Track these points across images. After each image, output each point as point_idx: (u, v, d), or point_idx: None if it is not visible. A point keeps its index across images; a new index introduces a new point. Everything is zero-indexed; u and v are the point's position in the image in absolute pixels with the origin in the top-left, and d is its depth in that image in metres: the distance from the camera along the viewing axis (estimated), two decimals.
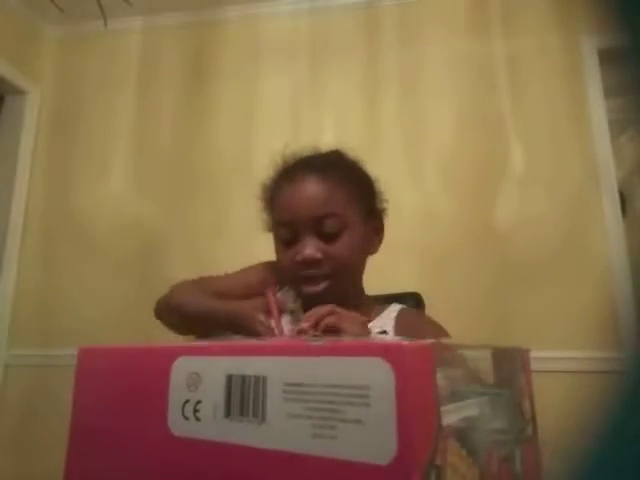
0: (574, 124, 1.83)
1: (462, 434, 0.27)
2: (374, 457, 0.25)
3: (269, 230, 0.82)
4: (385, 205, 0.83)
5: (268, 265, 0.86)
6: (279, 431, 0.29)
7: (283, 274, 0.78)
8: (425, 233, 1.77)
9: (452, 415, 0.27)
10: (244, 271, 0.88)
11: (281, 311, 0.70)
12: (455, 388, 0.28)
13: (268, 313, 0.68)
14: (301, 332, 0.57)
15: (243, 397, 0.31)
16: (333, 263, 0.72)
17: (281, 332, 0.67)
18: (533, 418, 0.37)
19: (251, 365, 0.31)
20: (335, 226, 0.72)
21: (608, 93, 1.81)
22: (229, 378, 0.32)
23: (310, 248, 0.71)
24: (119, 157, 2.16)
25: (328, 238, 0.72)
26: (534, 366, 1.41)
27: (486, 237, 1.79)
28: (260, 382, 0.30)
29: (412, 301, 0.93)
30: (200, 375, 0.33)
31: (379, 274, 0.82)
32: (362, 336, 0.56)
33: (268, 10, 2.17)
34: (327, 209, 0.72)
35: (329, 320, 0.57)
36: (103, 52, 2.29)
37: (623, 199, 1.98)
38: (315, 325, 0.57)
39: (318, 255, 0.71)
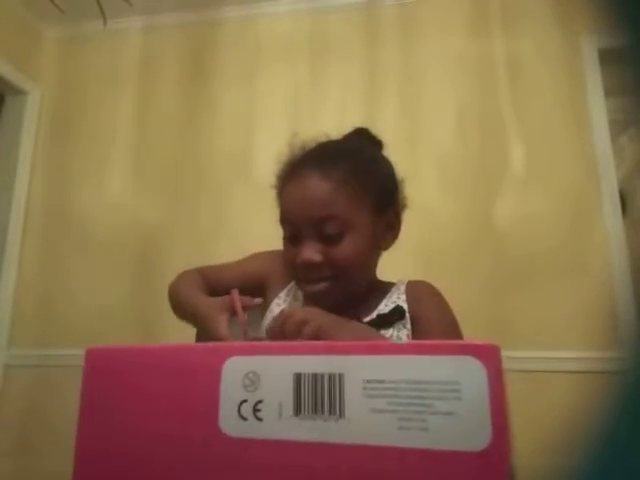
0: (574, 124, 1.83)
1: None
2: (468, 445, 0.27)
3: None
4: (404, 198, 0.79)
5: (276, 255, 0.83)
6: (361, 426, 0.29)
7: (289, 270, 0.77)
8: (424, 231, 1.77)
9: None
10: (251, 259, 0.86)
11: (247, 308, 0.68)
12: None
13: (233, 313, 0.66)
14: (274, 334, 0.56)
15: (316, 395, 0.31)
16: (335, 266, 0.69)
17: (245, 333, 0.64)
18: None
19: (322, 363, 0.31)
20: (336, 229, 0.69)
21: (608, 93, 1.81)
22: (297, 376, 0.31)
23: (308, 251, 0.69)
24: (119, 157, 2.16)
25: (330, 240, 0.69)
26: (534, 366, 1.41)
27: (485, 236, 1.79)
28: (336, 379, 0.30)
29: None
30: (259, 374, 0.32)
31: (377, 272, 0.81)
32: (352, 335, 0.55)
33: (268, 10, 2.17)
34: (327, 212, 0.69)
35: (308, 330, 0.54)
36: (103, 52, 2.29)
37: (623, 199, 1.98)
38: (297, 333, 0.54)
39: (317, 258, 0.69)
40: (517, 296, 1.71)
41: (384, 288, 0.78)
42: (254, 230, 0.85)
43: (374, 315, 0.72)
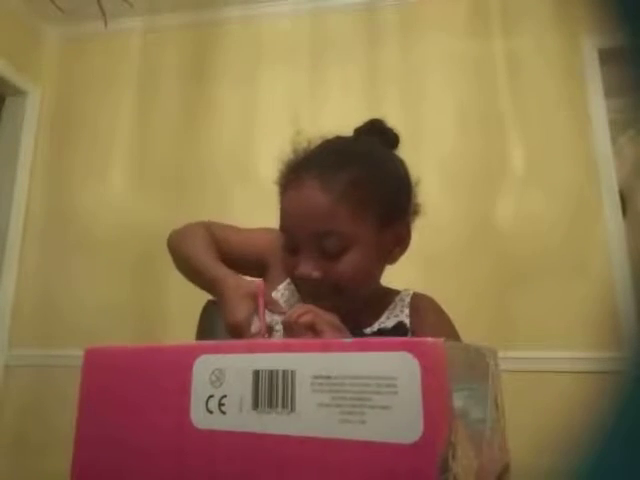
0: (574, 124, 1.83)
1: (462, 420, 0.31)
2: (402, 437, 0.29)
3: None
4: (416, 205, 0.74)
5: None
6: (308, 419, 0.32)
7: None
8: (422, 231, 1.76)
9: (456, 402, 0.30)
10: (262, 232, 0.84)
11: (268, 308, 0.65)
12: (453, 381, 0.31)
13: (256, 306, 0.63)
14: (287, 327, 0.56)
15: (271, 390, 0.33)
16: (335, 282, 0.65)
17: (263, 332, 0.62)
18: (503, 410, 0.41)
19: (278, 361, 0.34)
20: (336, 244, 0.64)
21: (608, 93, 1.81)
22: (256, 373, 0.34)
23: (306, 267, 0.65)
24: (120, 157, 2.16)
25: (329, 255, 0.65)
26: (534, 366, 1.42)
27: (485, 236, 1.79)
28: (289, 375, 0.33)
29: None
30: (224, 371, 0.35)
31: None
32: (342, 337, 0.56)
33: (268, 11, 2.17)
34: (326, 227, 0.64)
35: (305, 319, 0.54)
36: (104, 53, 2.29)
37: (623, 199, 1.98)
38: (294, 324, 0.55)
39: (315, 275, 0.65)
40: (517, 296, 1.71)
41: (388, 297, 0.75)
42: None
43: (375, 327, 0.70)
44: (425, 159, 1.89)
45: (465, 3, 2.02)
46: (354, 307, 0.68)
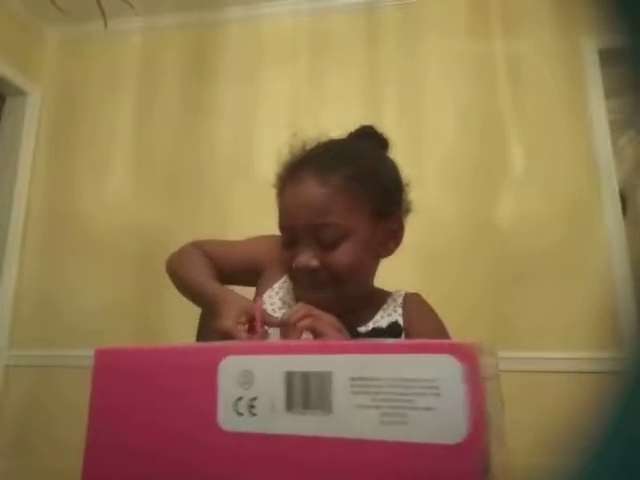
0: (574, 124, 1.83)
1: (491, 419, 0.32)
2: (445, 438, 0.29)
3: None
4: (408, 202, 0.77)
5: (279, 241, 0.81)
6: (346, 421, 0.32)
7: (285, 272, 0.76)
8: (424, 232, 1.77)
9: (488, 402, 0.31)
10: (255, 241, 0.85)
11: (265, 323, 0.64)
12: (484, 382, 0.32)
13: (252, 319, 0.64)
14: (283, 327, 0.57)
15: (306, 391, 0.33)
16: (331, 272, 0.68)
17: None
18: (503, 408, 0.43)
19: (312, 362, 0.34)
20: (333, 235, 0.67)
21: (608, 93, 1.81)
22: (289, 374, 0.34)
23: (304, 257, 0.68)
24: (120, 157, 2.16)
25: (327, 246, 0.68)
26: (534, 366, 1.42)
27: (485, 236, 1.79)
28: (324, 377, 0.33)
29: None
30: (253, 373, 0.35)
31: (378, 274, 0.81)
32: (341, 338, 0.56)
33: (269, 11, 2.17)
34: (323, 219, 0.67)
35: (304, 323, 0.55)
36: (104, 53, 2.29)
37: (624, 199, 1.98)
38: (292, 326, 0.56)
39: (313, 264, 0.67)
40: (517, 296, 1.71)
41: (380, 297, 0.77)
42: (255, 230, 0.85)
43: (370, 326, 0.72)
44: (425, 159, 1.89)
45: (465, 3, 2.02)
46: (349, 303, 0.70)
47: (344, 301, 0.69)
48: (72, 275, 2.05)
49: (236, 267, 0.83)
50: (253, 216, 1.95)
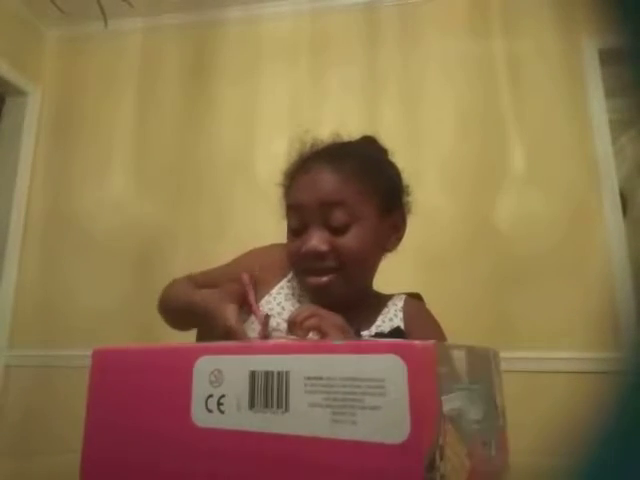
0: (574, 124, 1.83)
1: (453, 421, 0.32)
2: (390, 438, 0.30)
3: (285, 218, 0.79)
4: (409, 202, 0.79)
5: (269, 250, 0.82)
6: (301, 419, 0.33)
7: (289, 263, 0.76)
8: (423, 231, 1.76)
9: (447, 404, 0.31)
10: (242, 258, 0.84)
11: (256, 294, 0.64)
12: (444, 383, 0.32)
13: (245, 301, 0.63)
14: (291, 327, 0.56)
15: (267, 390, 0.35)
16: (340, 256, 0.69)
17: (262, 322, 0.62)
18: (503, 411, 0.42)
19: (273, 362, 0.35)
20: (344, 216, 0.69)
21: (608, 93, 1.81)
22: (252, 374, 0.35)
23: (315, 239, 0.68)
24: (120, 158, 2.16)
25: (337, 230, 0.69)
26: (534, 366, 1.42)
27: (485, 236, 1.79)
28: (283, 376, 0.34)
29: None
30: (222, 372, 0.37)
31: (377, 273, 0.81)
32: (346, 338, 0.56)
33: (269, 11, 2.17)
34: (336, 197, 0.69)
35: (311, 322, 0.55)
36: (104, 53, 2.29)
37: (624, 199, 1.98)
38: (299, 325, 0.55)
39: (323, 247, 0.68)
40: (517, 296, 1.71)
41: (381, 301, 0.78)
42: (255, 230, 0.85)
43: (372, 331, 0.72)
44: (425, 159, 1.89)
45: (465, 3, 2.02)
46: (351, 294, 0.71)
47: (348, 290, 0.70)
48: (72, 275, 2.05)
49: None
50: (253, 216, 1.95)
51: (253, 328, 0.68)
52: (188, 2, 2.19)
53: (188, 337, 0.84)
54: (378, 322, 0.74)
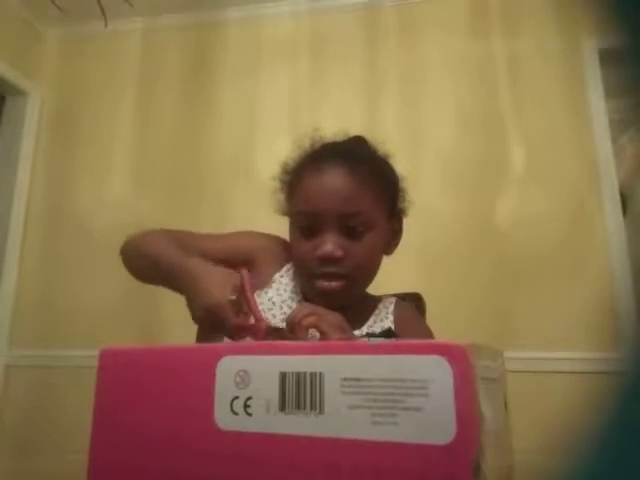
0: (574, 124, 1.83)
1: (486, 420, 0.32)
2: (435, 438, 0.30)
3: (283, 213, 0.77)
4: (407, 205, 0.78)
5: (272, 238, 0.80)
6: (338, 421, 0.32)
7: (296, 264, 0.74)
8: (424, 232, 1.77)
9: (482, 403, 0.31)
10: (240, 235, 0.81)
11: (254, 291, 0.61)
12: (479, 383, 0.32)
13: (243, 297, 0.60)
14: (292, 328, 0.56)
15: (299, 392, 0.34)
16: (353, 263, 0.68)
17: (258, 319, 0.59)
18: (508, 411, 0.42)
19: (305, 363, 0.34)
20: (361, 225, 0.68)
21: (608, 93, 1.81)
22: (283, 375, 0.34)
23: (331, 245, 0.66)
24: (120, 157, 2.16)
25: (351, 235, 0.68)
26: (534, 366, 1.42)
27: (486, 237, 1.79)
28: (317, 378, 0.33)
29: (413, 301, 0.93)
30: (249, 373, 0.35)
31: (377, 273, 0.81)
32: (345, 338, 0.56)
33: (269, 11, 2.17)
34: (356, 207, 0.67)
35: (309, 321, 0.54)
36: (104, 53, 2.29)
37: (624, 199, 1.98)
38: (298, 324, 0.55)
39: (339, 253, 0.67)
40: (517, 296, 1.71)
41: (371, 302, 0.78)
42: (255, 228, 0.85)
43: (363, 331, 0.72)
44: (426, 159, 1.89)
45: (465, 3, 2.02)
46: (353, 299, 0.71)
47: (353, 296, 0.70)
48: (72, 275, 2.05)
49: (225, 259, 0.74)
50: (253, 216, 1.95)
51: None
52: (188, 2, 2.18)
53: (188, 337, 0.84)
54: (370, 322, 0.74)
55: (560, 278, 1.70)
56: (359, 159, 0.71)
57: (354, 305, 0.72)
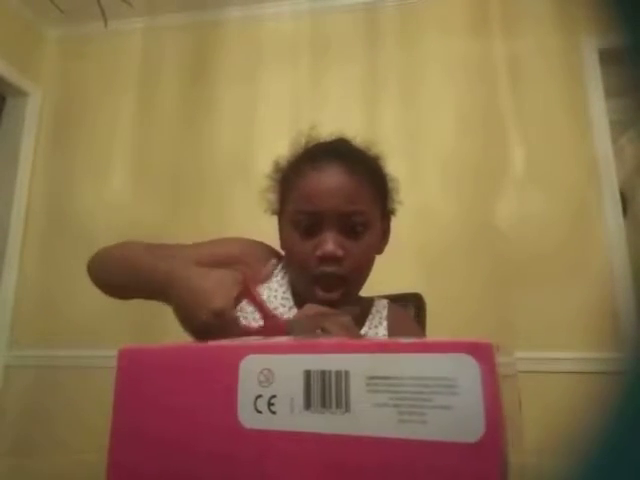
0: (574, 124, 1.83)
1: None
2: (464, 436, 0.30)
3: (274, 213, 0.76)
4: (397, 207, 0.77)
5: (257, 243, 0.79)
6: (365, 419, 0.32)
7: (292, 264, 0.72)
8: (424, 232, 1.77)
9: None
10: (219, 242, 0.78)
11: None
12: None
13: (248, 297, 0.58)
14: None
15: (324, 390, 0.33)
16: (352, 262, 0.67)
17: (266, 316, 0.57)
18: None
19: (329, 361, 0.34)
20: (361, 224, 0.68)
21: (609, 93, 1.81)
22: (307, 373, 0.34)
23: (332, 244, 0.66)
24: (120, 158, 2.16)
25: (350, 235, 0.67)
26: (534, 367, 1.42)
27: (486, 237, 1.79)
28: (342, 376, 0.33)
29: (414, 302, 0.93)
30: (272, 371, 0.35)
31: (377, 273, 0.81)
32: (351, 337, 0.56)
33: (269, 11, 2.17)
34: (356, 206, 0.67)
35: (316, 321, 0.54)
36: (104, 53, 2.29)
37: (624, 199, 1.98)
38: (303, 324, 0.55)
39: (340, 252, 0.66)
40: (517, 296, 1.71)
41: (365, 306, 0.77)
42: (255, 230, 0.84)
43: None
44: (425, 160, 1.89)
45: (465, 3, 2.02)
46: (349, 299, 0.70)
47: (349, 295, 0.70)
48: (72, 275, 2.04)
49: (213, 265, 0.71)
50: (253, 216, 1.94)
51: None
52: (188, 2, 2.19)
53: (188, 338, 0.84)
54: (365, 329, 0.73)
55: (560, 278, 1.70)
56: (357, 159, 0.71)
57: (351, 303, 0.72)
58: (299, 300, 0.73)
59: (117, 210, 2.08)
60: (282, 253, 0.79)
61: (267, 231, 0.83)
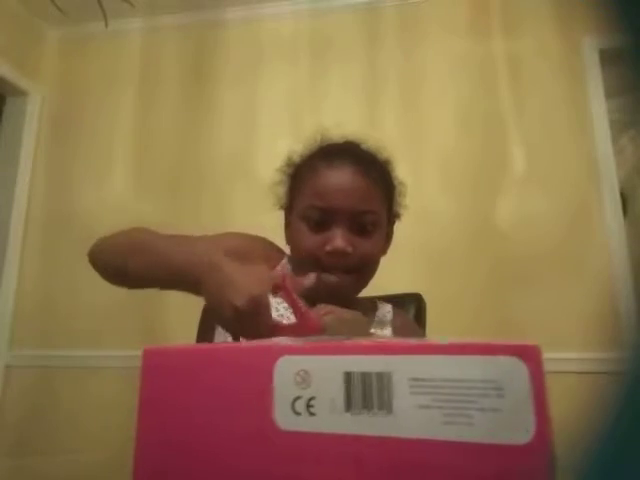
0: (575, 124, 1.83)
1: None
2: (513, 439, 0.30)
3: (282, 207, 0.78)
4: (402, 211, 0.79)
5: (261, 239, 0.79)
6: (408, 421, 0.32)
7: (301, 257, 0.72)
8: (424, 232, 1.77)
9: None
10: (226, 236, 0.77)
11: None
12: None
13: (284, 294, 0.56)
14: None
15: (365, 392, 0.33)
16: (360, 259, 0.69)
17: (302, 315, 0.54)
18: None
19: (369, 363, 0.33)
20: (371, 224, 0.70)
21: (609, 93, 1.81)
22: (347, 375, 0.34)
23: (342, 240, 0.68)
24: (120, 158, 2.16)
25: (360, 233, 0.70)
26: None
27: (486, 237, 1.79)
28: (383, 378, 0.33)
29: (414, 302, 0.93)
30: (309, 373, 0.35)
31: (377, 273, 0.81)
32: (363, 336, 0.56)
33: (269, 11, 2.17)
34: (369, 206, 0.70)
35: (326, 320, 0.55)
36: (104, 53, 2.29)
37: (624, 199, 1.98)
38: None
39: (349, 249, 0.68)
40: (518, 296, 1.71)
41: (368, 307, 0.78)
42: (256, 230, 0.84)
43: None
44: (426, 159, 1.89)
45: (466, 3, 2.02)
46: (355, 296, 0.72)
47: (356, 294, 0.72)
48: (72, 275, 2.05)
49: None
50: (253, 216, 1.95)
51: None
52: (188, 2, 2.18)
53: (188, 337, 0.84)
54: (370, 331, 0.74)
55: (560, 278, 1.70)
56: (371, 161, 0.74)
57: (355, 303, 0.73)
58: (305, 297, 0.72)
59: (117, 210, 2.08)
60: (285, 251, 0.79)
61: (267, 231, 0.83)
